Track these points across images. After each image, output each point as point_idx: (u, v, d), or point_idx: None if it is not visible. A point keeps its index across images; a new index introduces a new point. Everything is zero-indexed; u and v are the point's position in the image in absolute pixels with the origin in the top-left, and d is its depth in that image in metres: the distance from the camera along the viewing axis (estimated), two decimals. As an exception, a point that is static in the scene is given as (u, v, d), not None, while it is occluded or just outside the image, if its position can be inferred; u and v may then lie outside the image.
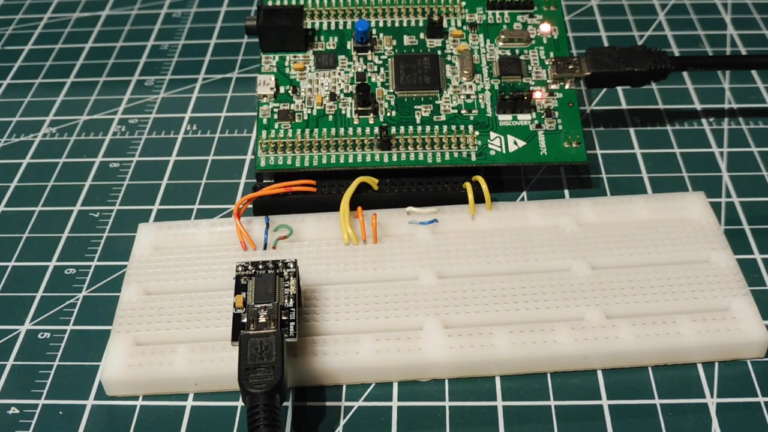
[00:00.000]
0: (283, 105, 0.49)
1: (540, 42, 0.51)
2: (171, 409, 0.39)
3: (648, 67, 0.49)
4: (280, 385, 0.35)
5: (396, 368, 0.39)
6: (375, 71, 0.50)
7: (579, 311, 0.40)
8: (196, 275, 0.43)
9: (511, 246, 0.43)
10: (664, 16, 0.63)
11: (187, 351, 0.39)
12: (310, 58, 0.50)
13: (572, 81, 0.49)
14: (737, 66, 0.54)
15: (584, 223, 0.45)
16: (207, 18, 0.66)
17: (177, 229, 0.45)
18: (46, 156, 0.53)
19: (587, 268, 0.42)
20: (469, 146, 0.47)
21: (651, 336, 0.39)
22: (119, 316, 0.41)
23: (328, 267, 0.43)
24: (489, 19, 0.52)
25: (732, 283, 0.41)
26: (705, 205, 0.45)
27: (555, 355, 0.39)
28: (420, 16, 0.52)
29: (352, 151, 0.47)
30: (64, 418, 0.39)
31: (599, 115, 0.54)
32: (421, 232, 0.44)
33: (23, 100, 0.58)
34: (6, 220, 0.49)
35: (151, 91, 0.58)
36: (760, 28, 0.62)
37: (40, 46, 0.64)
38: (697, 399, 0.38)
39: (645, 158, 0.51)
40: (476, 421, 0.38)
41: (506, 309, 0.40)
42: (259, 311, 0.37)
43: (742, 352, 0.40)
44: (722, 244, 0.43)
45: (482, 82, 0.49)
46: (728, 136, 0.52)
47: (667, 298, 0.41)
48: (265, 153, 0.47)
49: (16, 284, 0.45)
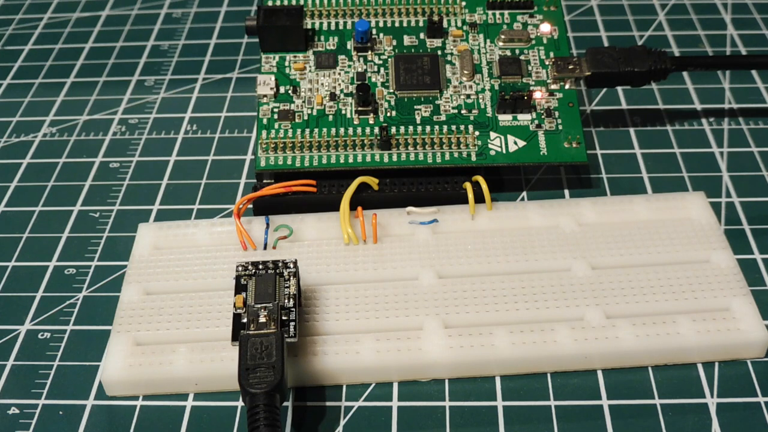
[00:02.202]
0: (283, 105, 0.49)
1: (540, 42, 0.51)
2: (171, 409, 0.39)
3: (648, 67, 0.49)
4: (280, 385, 0.35)
5: (396, 368, 0.39)
6: (375, 71, 0.50)
7: (579, 311, 0.40)
8: (196, 275, 0.43)
9: (511, 246, 0.43)
10: (664, 16, 0.63)
11: (188, 351, 0.39)
12: (310, 58, 0.50)
13: (572, 81, 0.49)
14: (737, 66, 0.54)
15: (584, 223, 0.45)
16: (207, 18, 0.66)
17: (177, 229, 0.45)
18: (46, 156, 0.53)
19: (587, 268, 0.42)
20: (469, 146, 0.47)
21: (651, 336, 0.39)
22: (119, 316, 0.41)
23: (328, 267, 0.43)
24: (489, 19, 0.52)
25: (732, 283, 0.41)
26: (705, 205, 0.45)
27: (555, 355, 0.39)
28: (420, 16, 0.52)
29: (352, 151, 0.47)
30: (64, 418, 0.39)
31: (599, 115, 0.54)
32: (421, 232, 0.44)
33: (23, 100, 0.58)
34: (6, 220, 0.49)
35: (151, 91, 0.58)
36: (760, 28, 0.62)
37: (40, 46, 0.64)
38: (697, 399, 0.38)
39: (645, 158, 0.51)
40: (476, 421, 0.38)
41: (506, 309, 0.40)
42: (259, 311, 0.37)
43: (742, 352, 0.40)
44: (722, 244, 0.43)
45: (482, 82, 0.49)
46: (728, 136, 0.52)
47: (667, 298, 0.41)
48: (265, 153, 0.47)
49: (16, 284, 0.45)
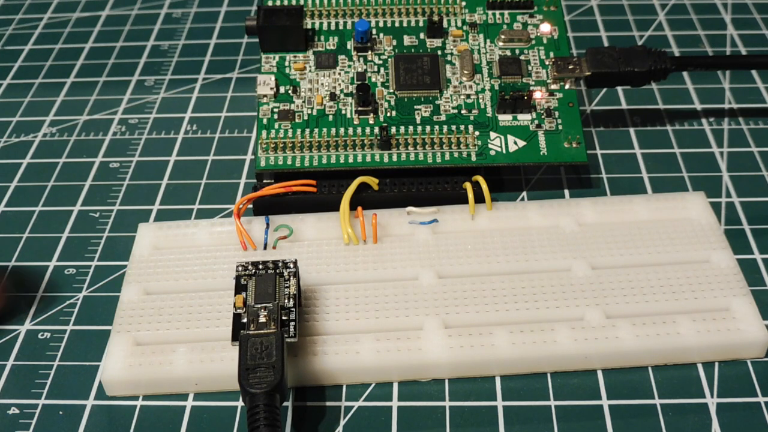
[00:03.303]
0: (283, 105, 0.49)
1: (540, 42, 0.51)
2: (171, 409, 0.39)
3: (648, 67, 0.49)
4: (280, 385, 0.35)
5: (396, 368, 0.39)
6: (375, 71, 0.50)
7: (579, 311, 0.40)
8: (196, 275, 0.43)
9: (511, 246, 0.43)
10: (664, 16, 0.63)
11: (187, 351, 0.39)
12: (310, 58, 0.50)
13: (572, 81, 0.49)
14: (737, 66, 0.54)
15: (584, 223, 0.45)
16: (207, 18, 0.66)
17: (177, 229, 0.45)
18: (46, 156, 0.53)
19: (587, 268, 0.42)
20: (469, 146, 0.47)
21: (651, 336, 0.39)
22: (119, 316, 0.41)
23: (328, 267, 0.43)
24: (489, 19, 0.52)
25: (732, 283, 0.41)
26: (705, 205, 0.45)
27: (555, 355, 0.39)
28: (420, 16, 0.52)
29: (352, 151, 0.47)
30: (64, 418, 0.39)
31: (599, 115, 0.54)
32: (421, 232, 0.44)
33: (23, 100, 0.58)
34: (6, 220, 0.49)
35: (151, 91, 0.58)
36: (760, 28, 0.62)
37: (40, 46, 0.64)
38: (697, 399, 0.38)
39: (645, 158, 0.51)
40: (476, 421, 0.38)
41: (506, 309, 0.40)
42: (259, 311, 0.37)
43: (742, 352, 0.40)
44: (722, 244, 0.43)
45: (482, 82, 0.49)
46: (728, 136, 0.52)
47: (668, 298, 0.41)
48: (265, 153, 0.47)
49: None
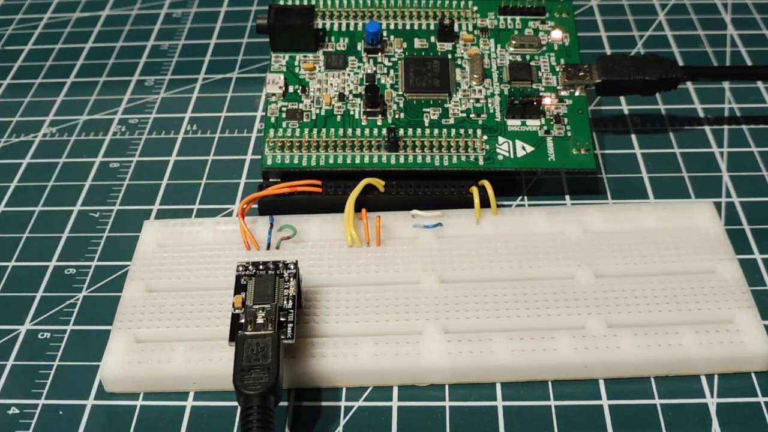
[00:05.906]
0: (292, 104, 0.48)
1: (551, 48, 0.51)
2: (171, 409, 0.39)
3: (659, 76, 0.49)
4: (274, 387, 0.35)
5: (394, 372, 0.39)
6: (385, 73, 0.50)
7: (580, 320, 0.40)
8: (199, 273, 0.43)
9: (515, 252, 0.43)
10: (664, 16, 0.63)
11: (186, 349, 0.39)
12: (320, 58, 0.50)
13: (582, 88, 0.49)
14: (747, 77, 0.54)
15: (590, 231, 0.44)
16: (207, 18, 0.66)
17: (182, 227, 0.45)
18: (46, 156, 0.53)
19: (591, 276, 0.42)
20: (476, 150, 0.47)
21: (653, 347, 0.39)
22: (120, 313, 0.41)
23: (330, 269, 0.43)
24: (500, 24, 0.52)
25: (737, 295, 0.41)
26: (713, 214, 0.45)
27: (555, 364, 0.39)
28: (431, 20, 0.52)
29: (359, 152, 0.47)
30: (64, 418, 0.39)
31: (599, 115, 0.54)
32: (425, 235, 0.44)
33: (23, 100, 0.58)
34: (6, 220, 0.49)
35: (151, 91, 0.58)
36: (760, 28, 0.61)
37: (40, 46, 0.64)
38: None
39: (645, 159, 0.50)
40: (477, 422, 0.38)
41: (507, 315, 0.40)
42: (257, 312, 0.37)
43: (745, 365, 0.39)
44: (729, 255, 0.43)
45: (492, 86, 0.49)
46: (728, 136, 0.52)
47: (671, 309, 0.40)
48: (271, 151, 0.47)
49: (16, 284, 0.45)
